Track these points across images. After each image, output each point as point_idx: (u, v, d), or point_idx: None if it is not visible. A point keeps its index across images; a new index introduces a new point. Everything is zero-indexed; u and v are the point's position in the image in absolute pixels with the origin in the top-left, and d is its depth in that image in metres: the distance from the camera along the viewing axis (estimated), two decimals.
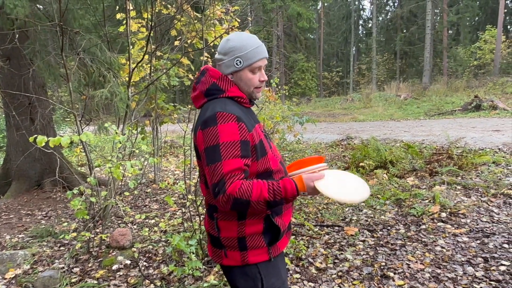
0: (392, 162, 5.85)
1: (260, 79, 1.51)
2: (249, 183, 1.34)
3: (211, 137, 1.36)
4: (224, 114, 1.36)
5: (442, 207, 4.19)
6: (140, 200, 5.39)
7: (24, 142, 5.63)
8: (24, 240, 4.00)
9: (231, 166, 1.33)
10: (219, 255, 1.53)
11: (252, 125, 1.45)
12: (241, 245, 1.47)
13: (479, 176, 5.21)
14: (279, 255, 1.56)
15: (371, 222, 4.06)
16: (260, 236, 1.47)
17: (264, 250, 1.48)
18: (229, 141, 1.34)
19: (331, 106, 22.26)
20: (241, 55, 1.45)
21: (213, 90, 1.48)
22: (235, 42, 1.47)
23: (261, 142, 1.46)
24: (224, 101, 1.43)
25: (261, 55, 1.48)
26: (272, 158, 1.51)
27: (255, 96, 1.55)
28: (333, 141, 9.42)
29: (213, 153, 1.35)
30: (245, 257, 1.47)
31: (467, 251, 3.23)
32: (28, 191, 5.75)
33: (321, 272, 3.06)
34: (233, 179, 1.33)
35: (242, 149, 1.36)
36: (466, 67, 23.74)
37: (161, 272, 3.15)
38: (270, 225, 1.47)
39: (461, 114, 13.68)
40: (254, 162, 1.43)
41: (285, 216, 1.55)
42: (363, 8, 39.59)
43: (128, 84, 3.81)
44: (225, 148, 1.34)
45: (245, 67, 1.46)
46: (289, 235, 1.66)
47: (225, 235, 1.48)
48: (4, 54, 5.05)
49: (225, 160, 1.33)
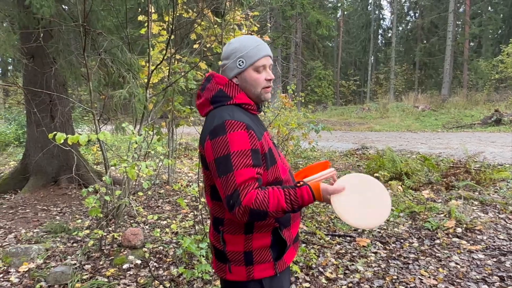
0: (408, 174, 5.76)
1: (267, 78, 1.44)
2: (265, 193, 1.28)
3: (221, 147, 1.30)
4: (233, 122, 1.30)
5: (457, 222, 4.11)
6: (153, 201, 5.43)
7: (43, 138, 5.74)
8: (39, 235, 4.07)
9: (244, 176, 1.27)
10: (223, 270, 1.46)
11: (261, 133, 1.40)
12: (248, 259, 1.40)
13: (497, 192, 5.09)
14: (285, 269, 1.50)
15: (384, 234, 4.00)
16: (267, 250, 1.42)
17: (271, 265, 1.42)
18: (240, 150, 1.28)
19: (347, 115, 22.11)
20: (243, 55, 1.40)
21: (220, 97, 1.41)
22: (235, 44, 1.43)
23: (270, 151, 1.42)
24: (231, 109, 1.37)
25: (263, 52, 1.42)
26: (282, 167, 1.46)
27: (263, 98, 1.46)
28: (348, 150, 9.34)
29: (224, 163, 1.29)
30: (251, 273, 1.40)
31: (482, 268, 3.15)
32: (44, 187, 5.85)
33: (331, 282, 3.03)
34: (248, 189, 1.27)
35: (254, 157, 1.31)
36: (487, 80, 23.27)
37: (171, 274, 3.16)
38: (278, 238, 1.42)
39: (480, 128, 13.41)
40: (265, 172, 1.38)
41: (293, 228, 1.50)
42: (383, 17, 39.40)
43: (146, 85, 3.86)
44: (236, 158, 1.28)
45: (248, 66, 1.41)
46: (297, 246, 1.60)
47: (231, 249, 1.42)
48: (28, 52, 5.18)
49: (237, 170, 1.27)
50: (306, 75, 27.71)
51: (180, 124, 6.08)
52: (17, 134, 11.11)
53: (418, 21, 31.10)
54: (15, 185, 5.94)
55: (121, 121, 3.77)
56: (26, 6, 4.12)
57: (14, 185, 5.94)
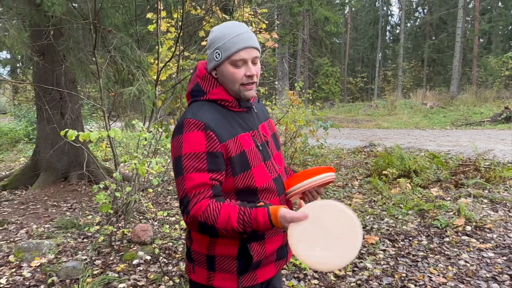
0: (416, 171, 5.73)
1: (247, 74, 1.24)
2: (217, 206, 1.14)
3: (177, 147, 1.20)
4: (191, 121, 1.18)
5: (467, 220, 4.08)
6: (161, 197, 5.47)
7: (53, 135, 5.81)
8: (50, 230, 4.13)
9: (194, 181, 1.15)
10: (189, 269, 1.38)
11: (232, 134, 1.24)
12: (209, 264, 1.29)
13: (507, 190, 5.05)
14: (255, 286, 1.33)
15: (393, 231, 3.99)
16: (233, 260, 1.27)
17: (234, 277, 1.28)
18: (193, 152, 1.16)
19: (354, 112, 22.01)
20: (219, 46, 1.23)
21: (196, 91, 1.31)
22: (215, 32, 1.27)
23: (243, 154, 1.24)
24: (200, 106, 1.26)
25: (241, 43, 1.21)
26: (259, 173, 1.28)
27: (243, 95, 1.28)
28: (355, 147, 9.31)
29: (177, 165, 1.19)
30: (211, 279, 1.29)
31: (492, 267, 3.13)
32: (54, 183, 5.92)
33: (340, 279, 3.03)
34: (198, 197, 1.15)
35: (209, 161, 1.16)
36: (496, 77, 23.01)
37: (180, 270, 3.19)
38: (245, 251, 1.26)
39: (490, 125, 13.28)
40: (230, 178, 1.23)
41: (268, 243, 1.31)
42: (392, 13, 39.02)
43: (155, 82, 3.89)
44: (187, 160, 1.16)
45: (224, 59, 1.22)
46: (281, 264, 1.41)
47: (195, 248, 1.33)
48: (39, 50, 5.23)
49: (187, 174, 1.16)
50: (314, 72, 27.60)
51: None
52: (27, 131, 11.25)
53: (426, 17, 30.81)
54: (26, 181, 6.03)
55: (130, 118, 3.79)
56: (37, 4, 4.16)
57: (25, 181, 6.03)
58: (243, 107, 1.33)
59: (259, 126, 1.39)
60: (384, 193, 5.20)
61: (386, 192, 5.21)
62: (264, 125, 1.43)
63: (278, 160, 1.43)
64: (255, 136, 1.33)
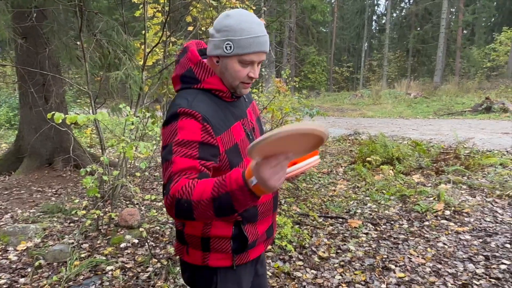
0: (399, 158, 5.87)
1: (250, 75, 1.24)
2: (195, 181, 1.05)
3: (170, 135, 1.16)
4: (187, 111, 1.16)
5: (446, 205, 4.23)
6: (148, 183, 5.48)
7: (37, 120, 5.73)
8: (35, 215, 4.11)
9: (182, 165, 1.10)
10: (181, 250, 1.40)
11: (227, 126, 1.24)
12: (204, 245, 1.32)
13: (485, 177, 5.23)
14: (247, 263, 1.40)
15: (375, 216, 4.11)
16: (227, 240, 1.31)
17: (228, 256, 1.33)
18: (186, 139, 1.13)
19: (340, 101, 22.17)
20: (234, 40, 1.18)
21: (188, 77, 1.26)
22: (233, 20, 1.19)
23: (236, 147, 1.26)
24: (195, 95, 1.23)
25: (256, 47, 1.19)
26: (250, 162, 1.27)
27: (239, 92, 1.29)
28: (340, 135, 9.43)
29: (167, 151, 1.15)
30: (206, 259, 1.33)
31: (468, 248, 3.27)
32: (39, 169, 5.86)
33: (324, 260, 3.13)
34: (180, 178, 1.08)
35: (201, 150, 1.14)
36: (479, 68, 23.48)
37: (168, 252, 3.24)
38: (240, 232, 1.30)
39: (471, 115, 13.58)
40: (228, 170, 1.19)
41: (260, 224, 1.38)
42: (378, 3, 39.28)
43: (142, 67, 3.87)
44: (178, 146, 1.13)
45: (234, 55, 1.19)
46: (268, 243, 1.49)
47: (188, 231, 1.34)
48: (22, 32, 5.11)
49: (176, 157, 1.11)
50: (300, 61, 27.61)
51: None
52: (8, 116, 11.01)
53: (412, 7, 31.01)
54: (9, 167, 5.94)
55: (117, 103, 3.78)
56: None
57: (8, 167, 5.94)
58: (235, 98, 1.33)
59: (247, 112, 1.41)
60: (367, 179, 5.33)
61: (370, 179, 5.33)
62: (250, 111, 1.45)
63: None
64: (244, 124, 1.35)
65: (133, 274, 2.93)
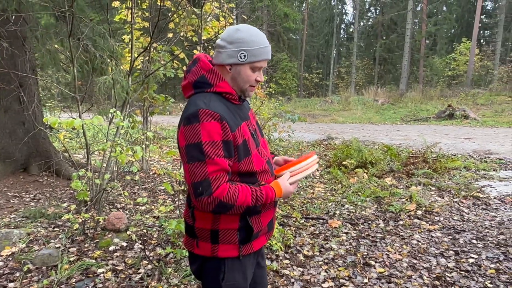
0: (372, 162, 6.17)
1: (257, 79, 1.47)
2: (236, 188, 1.34)
3: (193, 134, 1.32)
4: (207, 111, 1.32)
5: (418, 205, 4.52)
6: (128, 188, 5.48)
7: (12, 124, 5.59)
8: (17, 220, 4.04)
9: (216, 167, 1.31)
10: (191, 244, 1.54)
11: (237, 124, 1.41)
12: (213, 238, 1.46)
13: (451, 179, 5.60)
14: (251, 254, 1.55)
15: (353, 216, 4.34)
16: (234, 232, 1.47)
17: (235, 247, 1.48)
18: (211, 140, 1.31)
19: (310, 107, 22.66)
20: (248, 50, 1.39)
21: (201, 83, 1.43)
22: (244, 33, 1.40)
23: (245, 142, 1.42)
24: (209, 97, 1.39)
25: (265, 56, 1.44)
26: (257, 158, 1.48)
27: (247, 94, 1.51)
28: (314, 140, 9.72)
29: (195, 151, 1.31)
30: (215, 250, 1.47)
31: (440, 245, 3.54)
32: (13, 174, 5.71)
33: (309, 259, 3.30)
34: (219, 181, 1.32)
35: (225, 149, 1.33)
36: (441, 76, 24.70)
37: (157, 254, 3.30)
38: (246, 224, 1.47)
39: (435, 121, 14.30)
40: (236, 163, 1.40)
41: (263, 216, 1.54)
42: (346, 12, 40.42)
43: (129, 73, 3.92)
44: (209, 147, 1.30)
45: (247, 63, 1.41)
46: (269, 236, 1.65)
47: (199, 225, 1.48)
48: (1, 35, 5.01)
49: (210, 159, 1.30)
50: (271, 67, 27.98)
51: (155, 112, 6.13)
52: None
53: (378, 17, 32.25)
54: None
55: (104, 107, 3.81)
56: None
57: None
58: (241, 101, 1.52)
59: (249, 115, 1.59)
60: (343, 182, 5.57)
61: (345, 182, 5.58)
62: (251, 115, 1.64)
63: (264, 145, 1.63)
64: (249, 125, 1.52)
65: (125, 276, 2.98)
